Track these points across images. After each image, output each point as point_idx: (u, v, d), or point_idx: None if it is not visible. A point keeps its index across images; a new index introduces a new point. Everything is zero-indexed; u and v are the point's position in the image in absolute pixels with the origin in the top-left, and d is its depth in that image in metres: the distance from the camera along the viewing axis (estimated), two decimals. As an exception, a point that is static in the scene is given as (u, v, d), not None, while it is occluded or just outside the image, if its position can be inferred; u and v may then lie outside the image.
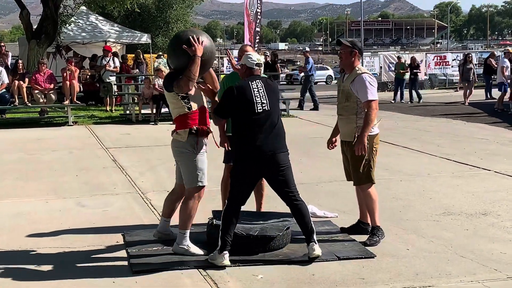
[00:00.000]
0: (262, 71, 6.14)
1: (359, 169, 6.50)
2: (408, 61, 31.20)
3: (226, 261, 5.70)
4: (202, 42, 5.89)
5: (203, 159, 6.06)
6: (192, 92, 5.97)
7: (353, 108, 6.50)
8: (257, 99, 5.78)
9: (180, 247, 6.06)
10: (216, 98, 6.38)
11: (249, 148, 5.77)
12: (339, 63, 6.95)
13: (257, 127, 5.75)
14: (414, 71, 26.02)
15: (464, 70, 24.49)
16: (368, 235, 6.53)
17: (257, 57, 6.06)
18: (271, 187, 6.03)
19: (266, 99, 5.82)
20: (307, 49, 28.16)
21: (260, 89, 5.84)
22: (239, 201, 5.85)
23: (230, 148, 6.70)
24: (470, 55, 26.38)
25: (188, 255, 6.00)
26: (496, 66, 24.17)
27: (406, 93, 25.82)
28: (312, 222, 5.93)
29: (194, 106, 5.99)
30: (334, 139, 6.88)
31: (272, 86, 5.99)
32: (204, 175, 6.07)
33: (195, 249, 6.07)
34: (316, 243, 5.85)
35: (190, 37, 5.86)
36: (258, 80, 5.91)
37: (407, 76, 26.02)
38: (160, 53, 28.80)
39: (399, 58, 27.94)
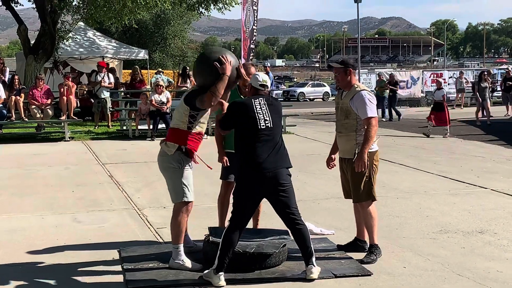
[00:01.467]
0: (268, 92, 6.18)
1: (359, 186, 6.48)
2: (405, 78, 31.35)
3: (222, 282, 5.67)
4: (230, 62, 6.00)
5: (188, 174, 6.08)
6: (204, 116, 6.08)
7: (352, 125, 6.49)
8: (259, 115, 5.81)
9: (176, 262, 6.08)
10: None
11: (251, 165, 5.75)
12: (337, 84, 6.91)
13: (259, 144, 5.75)
14: (392, 88, 25.67)
15: (480, 89, 22.94)
16: (366, 253, 6.51)
17: (263, 78, 6.08)
18: (273, 208, 5.99)
19: (269, 117, 5.84)
20: (268, 64, 27.91)
21: (263, 107, 5.87)
22: (241, 222, 5.81)
23: (228, 164, 6.71)
24: (485, 73, 25.10)
25: (183, 269, 6.01)
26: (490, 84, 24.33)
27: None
28: (312, 245, 5.89)
29: (195, 130, 6.06)
30: (333, 156, 6.85)
31: (275, 105, 6.02)
32: (190, 190, 6.09)
33: (190, 263, 6.08)
34: (314, 266, 5.82)
35: (221, 56, 5.98)
36: (261, 98, 5.94)
37: (386, 93, 25.77)
38: (160, 69, 28.84)
39: (379, 75, 27.77)
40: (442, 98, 19.21)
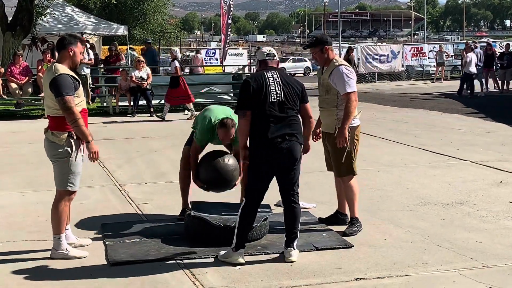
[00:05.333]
0: (278, 62, 5.96)
1: (340, 160, 6.50)
2: (385, 52, 31.51)
3: (242, 259, 5.58)
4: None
5: (78, 163, 5.87)
6: (78, 94, 5.80)
7: (333, 100, 6.48)
8: (271, 88, 5.60)
9: (59, 252, 5.82)
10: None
11: (262, 141, 5.56)
12: (317, 63, 6.88)
13: (271, 118, 5.55)
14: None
15: None
16: (347, 225, 6.56)
17: (267, 48, 6.01)
18: (276, 181, 5.81)
19: (281, 90, 5.62)
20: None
21: (276, 79, 5.66)
22: (256, 198, 5.68)
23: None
24: None
25: (67, 259, 5.77)
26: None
27: None
28: (299, 229, 5.79)
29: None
30: (318, 130, 6.85)
31: (290, 79, 5.81)
32: (76, 179, 5.87)
33: (75, 252, 5.87)
34: (294, 249, 5.72)
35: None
36: (274, 71, 5.73)
37: None
38: (131, 46, 28.68)
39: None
40: (175, 71, 16.41)
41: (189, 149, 6.91)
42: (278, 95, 5.61)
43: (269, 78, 5.64)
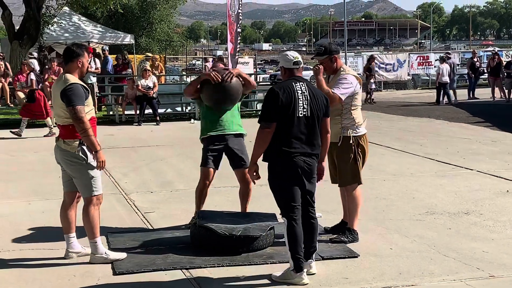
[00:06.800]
0: (302, 69, 5.66)
1: (346, 168, 6.48)
2: (391, 61, 31.53)
3: (306, 280, 5.34)
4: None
5: (95, 167, 5.87)
6: (87, 103, 5.85)
7: (338, 109, 6.45)
8: (299, 102, 5.36)
9: (98, 257, 5.89)
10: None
11: (283, 156, 5.36)
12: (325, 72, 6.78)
13: (295, 133, 5.35)
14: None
15: None
16: (339, 233, 6.54)
17: (293, 55, 5.59)
18: None
19: (307, 105, 5.40)
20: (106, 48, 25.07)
21: (304, 93, 5.41)
22: (293, 211, 5.39)
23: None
24: None
25: (107, 262, 5.84)
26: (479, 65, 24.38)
27: None
28: (317, 242, 5.61)
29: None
30: None
31: (316, 91, 5.59)
32: (98, 182, 5.91)
33: (114, 255, 5.94)
34: (313, 260, 5.59)
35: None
36: (302, 83, 5.46)
37: None
38: (149, 54, 28.70)
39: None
40: (31, 84, 16.33)
41: (205, 170, 6.90)
42: (305, 109, 5.39)
43: (297, 91, 5.39)
